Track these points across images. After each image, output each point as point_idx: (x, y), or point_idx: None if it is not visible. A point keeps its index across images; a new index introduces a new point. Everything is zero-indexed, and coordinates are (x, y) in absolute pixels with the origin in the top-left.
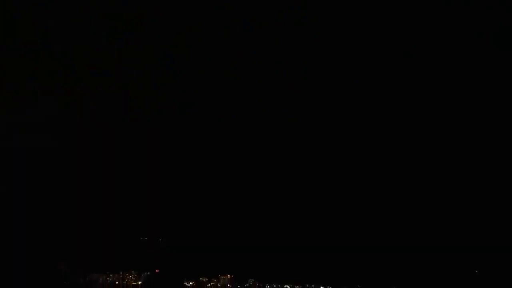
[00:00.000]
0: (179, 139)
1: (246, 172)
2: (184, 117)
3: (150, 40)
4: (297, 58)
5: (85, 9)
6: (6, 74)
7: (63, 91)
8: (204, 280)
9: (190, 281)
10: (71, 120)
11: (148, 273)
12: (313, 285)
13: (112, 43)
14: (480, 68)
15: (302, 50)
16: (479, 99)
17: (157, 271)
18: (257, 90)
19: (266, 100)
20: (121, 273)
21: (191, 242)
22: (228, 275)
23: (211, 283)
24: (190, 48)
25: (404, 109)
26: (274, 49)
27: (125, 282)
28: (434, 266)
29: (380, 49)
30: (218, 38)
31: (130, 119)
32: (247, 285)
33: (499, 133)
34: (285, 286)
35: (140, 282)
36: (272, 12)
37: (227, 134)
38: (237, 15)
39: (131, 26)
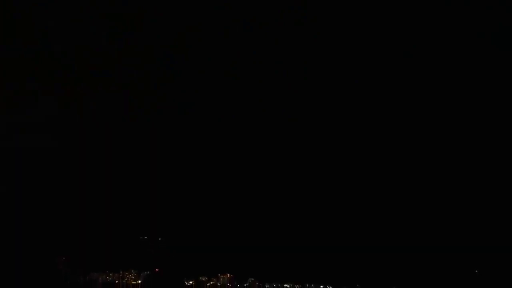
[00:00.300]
0: (179, 139)
1: (246, 172)
2: (184, 117)
3: (150, 40)
4: (297, 58)
5: (85, 9)
6: (6, 74)
7: (63, 91)
8: (204, 279)
9: (190, 281)
10: (71, 120)
11: (148, 272)
12: (312, 285)
13: (112, 43)
14: (480, 68)
15: (302, 50)
16: (479, 99)
17: (157, 270)
18: (257, 90)
19: (266, 100)
20: (121, 272)
21: (191, 241)
22: (228, 275)
23: (211, 283)
24: (190, 48)
25: (404, 109)
26: (274, 49)
27: (125, 281)
28: (434, 266)
29: (380, 49)
30: (218, 38)
31: (130, 119)
32: (247, 284)
33: (499, 133)
34: (284, 285)
35: (139, 281)
36: (272, 12)
37: (227, 134)
38: (237, 15)
39: (131, 26)
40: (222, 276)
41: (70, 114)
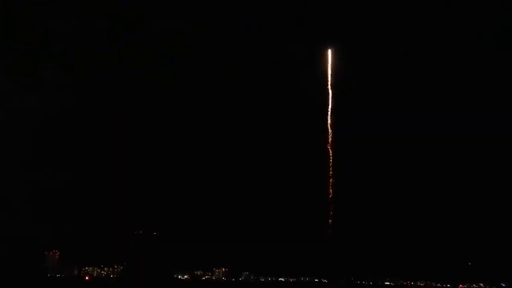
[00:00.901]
0: (176, 135)
1: (241, 168)
2: (183, 115)
3: (150, 40)
4: (297, 58)
5: (85, 9)
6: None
7: (63, 91)
8: (199, 273)
9: (185, 275)
10: (70, 118)
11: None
12: (307, 278)
13: (112, 43)
14: (480, 68)
15: (302, 50)
16: (479, 98)
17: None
18: (257, 90)
19: (266, 100)
20: (115, 266)
21: (186, 236)
22: (223, 268)
23: (206, 276)
24: (190, 48)
25: (404, 109)
26: (274, 49)
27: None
28: (428, 259)
29: (380, 49)
30: (218, 38)
31: (129, 118)
32: (242, 278)
33: (499, 133)
34: (279, 279)
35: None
36: (272, 12)
37: (223, 130)
38: (237, 15)
39: (131, 26)
40: (217, 270)
41: (69, 113)
